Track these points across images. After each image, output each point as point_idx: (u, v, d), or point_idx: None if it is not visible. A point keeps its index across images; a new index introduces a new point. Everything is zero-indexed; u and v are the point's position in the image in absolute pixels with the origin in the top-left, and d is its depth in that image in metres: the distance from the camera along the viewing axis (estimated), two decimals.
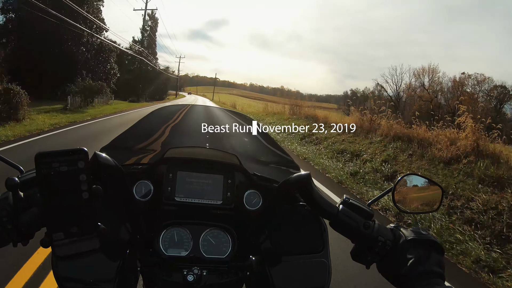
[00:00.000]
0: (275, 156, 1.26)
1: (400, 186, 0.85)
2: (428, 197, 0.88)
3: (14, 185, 0.61)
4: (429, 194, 0.88)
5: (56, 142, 8.13)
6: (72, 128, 10.73)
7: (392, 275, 0.72)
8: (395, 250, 0.72)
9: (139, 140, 1.19)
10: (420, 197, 0.87)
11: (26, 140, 7.88)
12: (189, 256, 0.88)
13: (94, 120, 13.69)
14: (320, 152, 9.44)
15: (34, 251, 2.69)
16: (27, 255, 2.65)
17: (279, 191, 0.84)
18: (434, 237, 0.73)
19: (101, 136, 9.13)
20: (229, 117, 1.49)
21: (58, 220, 0.58)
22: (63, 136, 9.08)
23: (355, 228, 0.75)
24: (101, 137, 8.96)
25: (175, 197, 0.93)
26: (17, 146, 7.19)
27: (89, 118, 13.97)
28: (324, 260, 0.88)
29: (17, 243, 0.64)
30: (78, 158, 0.59)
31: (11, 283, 2.36)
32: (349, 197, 0.78)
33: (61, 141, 8.22)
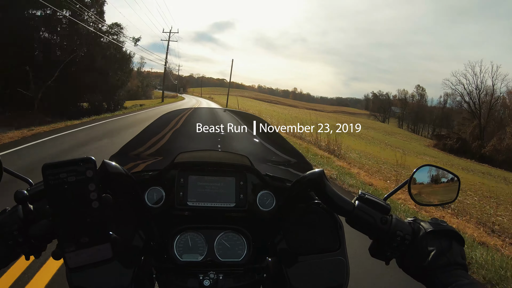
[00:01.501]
0: (287, 155, 1.24)
1: (417, 178, 0.83)
2: (445, 188, 0.86)
3: (23, 198, 0.60)
4: (446, 184, 0.86)
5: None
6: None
7: (413, 269, 0.70)
8: (415, 244, 0.70)
9: (148, 146, 1.18)
10: (437, 188, 0.85)
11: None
12: (204, 261, 0.87)
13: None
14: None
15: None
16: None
17: (293, 190, 0.82)
18: (454, 228, 0.71)
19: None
20: (235, 118, 1.47)
21: (69, 231, 0.58)
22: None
23: (372, 223, 0.73)
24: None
25: (187, 201, 0.91)
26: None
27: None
28: (341, 258, 0.86)
29: (29, 256, 0.64)
30: (86, 168, 0.58)
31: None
32: (365, 192, 0.76)
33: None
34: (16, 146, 7.43)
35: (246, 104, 44.63)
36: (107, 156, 0.91)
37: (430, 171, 0.85)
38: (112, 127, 12.41)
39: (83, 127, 11.56)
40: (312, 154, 9.69)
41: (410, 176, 0.83)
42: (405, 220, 0.75)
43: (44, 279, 2.54)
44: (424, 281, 0.69)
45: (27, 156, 6.66)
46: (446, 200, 0.86)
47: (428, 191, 0.85)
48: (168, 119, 1.27)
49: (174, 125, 1.30)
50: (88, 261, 0.59)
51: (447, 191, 0.85)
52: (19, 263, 2.61)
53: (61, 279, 2.50)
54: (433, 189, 0.85)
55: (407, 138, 46.13)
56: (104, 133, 10.60)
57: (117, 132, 11.01)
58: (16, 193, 0.60)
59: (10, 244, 0.61)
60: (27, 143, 7.82)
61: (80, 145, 8.29)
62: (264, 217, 0.94)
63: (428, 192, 0.85)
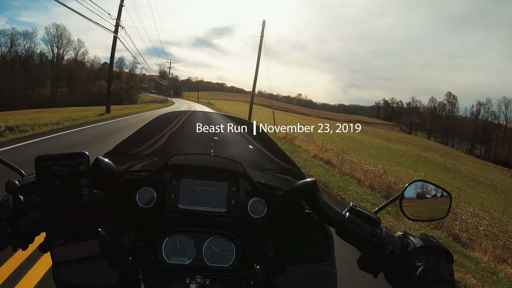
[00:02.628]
0: (280, 163, 1.24)
1: (408, 193, 0.83)
2: (436, 204, 0.86)
3: (14, 188, 0.60)
4: (437, 200, 0.86)
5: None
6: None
7: (401, 284, 0.70)
8: (404, 258, 0.70)
9: (143, 146, 1.18)
10: (428, 203, 0.85)
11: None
12: (192, 265, 0.86)
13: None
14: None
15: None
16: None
17: (284, 199, 0.82)
18: (443, 245, 0.70)
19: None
20: (231, 123, 1.48)
21: (58, 225, 0.58)
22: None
23: (362, 236, 0.72)
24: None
25: (178, 204, 0.91)
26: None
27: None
28: (329, 269, 0.86)
29: (16, 247, 0.63)
30: (79, 162, 0.58)
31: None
32: (356, 204, 0.77)
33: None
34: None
35: (258, 113, 38.05)
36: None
37: (422, 186, 0.85)
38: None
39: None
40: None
41: (402, 190, 0.83)
42: (395, 234, 0.75)
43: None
44: None
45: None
46: (437, 216, 0.86)
47: (419, 206, 0.85)
48: (166, 120, 1.28)
49: (171, 127, 1.31)
50: (75, 256, 0.59)
51: (438, 206, 0.85)
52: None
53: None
54: (424, 204, 0.85)
55: (472, 162, 37.18)
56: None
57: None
58: (7, 183, 0.60)
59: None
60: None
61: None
62: (254, 224, 0.94)
63: (419, 207, 0.85)
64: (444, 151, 44.30)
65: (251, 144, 1.33)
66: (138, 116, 20.97)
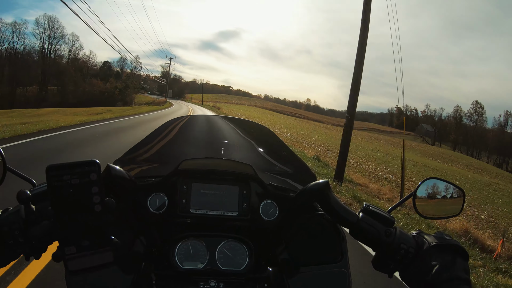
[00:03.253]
0: (291, 164, 1.23)
1: (421, 191, 0.83)
2: (450, 201, 0.85)
3: (26, 198, 0.60)
4: (450, 197, 0.85)
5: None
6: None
7: (416, 283, 0.69)
8: (419, 257, 0.69)
9: (152, 152, 1.17)
10: (441, 201, 0.85)
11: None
12: (205, 269, 0.86)
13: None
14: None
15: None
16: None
17: (297, 200, 0.81)
18: (458, 242, 0.70)
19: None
20: (240, 127, 1.46)
21: (70, 233, 0.57)
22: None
23: (376, 236, 0.72)
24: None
25: (190, 209, 0.91)
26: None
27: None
28: (343, 270, 0.85)
29: (29, 257, 0.63)
30: (90, 170, 0.58)
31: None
32: (369, 204, 0.76)
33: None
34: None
35: (272, 119, 34.19)
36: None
37: (434, 184, 0.84)
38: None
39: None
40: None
41: (415, 189, 0.82)
42: (410, 233, 0.74)
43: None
44: None
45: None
46: (450, 214, 0.85)
47: (432, 204, 0.84)
48: (173, 125, 1.26)
49: (179, 132, 1.30)
50: (89, 265, 0.59)
51: (451, 204, 0.85)
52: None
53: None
54: (438, 202, 0.85)
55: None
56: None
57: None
58: (19, 193, 0.59)
59: (10, 243, 0.60)
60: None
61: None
62: (266, 227, 0.93)
63: (432, 205, 0.84)
64: (501, 174, 39.19)
65: (261, 146, 1.32)
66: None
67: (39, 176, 0.63)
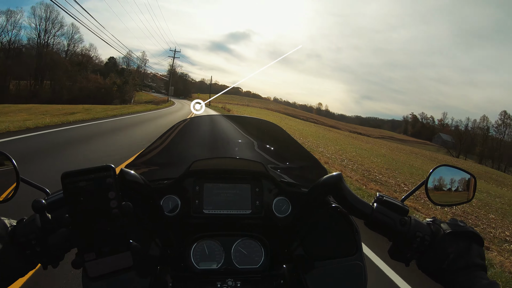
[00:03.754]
0: (301, 160, 1.23)
1: (433, 178, 0.82)
2: (462, 187, 0.85)
3: (41, 207, 0.60)
4: (462, 184, 0.85)
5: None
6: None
7: (432, 271, 0.70)
8: (435, 245, 0.69)
9: (163, 154, 1.17)
10: (453, 188, 0.85)
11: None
12: (221, 268, 0.86)
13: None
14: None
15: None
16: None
17: (311, 195, 0.81)
18: (473, 228, 0.70)
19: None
20: (247, 124, 1.45)
21: (89, 239, 0.57)
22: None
23: (391, 225, 0.72)
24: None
25: (203, 209, 0.91)
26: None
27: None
28: (359, 262, 0.85)
29: (47, 266, 0.63)
30: (105, 175, 0.57)
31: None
32: (383, 194, 0.76)
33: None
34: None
35: (294, 126, 29.30)
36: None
37: (446, 171, 0.84)
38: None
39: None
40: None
41: (427, 176, 0.82)
42: (424, 220, 0.74)
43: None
44: (444, 283, 0.68)
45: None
46: (463, 200, 0.85)
47: (444, 191, 0.84)
48: (182, 127, 1.24)
49: (187, 133, 1.29)
50: (108, 270, 0.58)
51: (463, 190, 0.85)
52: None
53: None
54: (450, 189, 0.85)
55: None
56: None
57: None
58: (34, 203, 0.59)
59: (27, 253, 0.60)
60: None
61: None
62: (280, 224, 0.94)
63: (444, 192, 0.84)
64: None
65: (269, 143, 1.31)
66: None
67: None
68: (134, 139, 9.86)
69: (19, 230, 0.60)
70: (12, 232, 0.60)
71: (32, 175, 5.13)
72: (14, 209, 1.48)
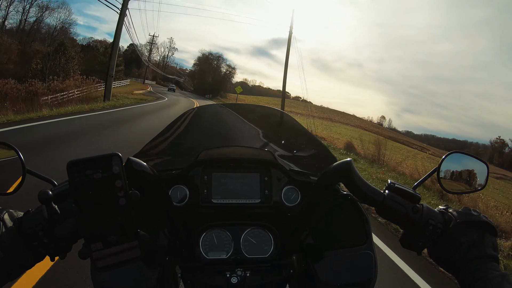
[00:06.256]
0: (310, 148, 1.21)
1: (445, 165, 0.81)
2: (474, 175, 0.84)
3: (48, 198, 0.59)
4: (475, 171, 0.84)
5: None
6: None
7: (444, 261, 0.69)
8: (447, 234, 0.68)
9: (170, 144, 1.16)
10: (465, 175, 0.83)
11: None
12: (230, 258, 0.86)
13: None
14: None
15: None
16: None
17: (321, 183, 0.79)
18: (486, 218, 0.68)
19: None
20: (254, 113, 1.44)
21: (96, 229, 0.56)
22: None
23: (403, 213, 0.71)
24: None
25: (212, 199, 0.90)
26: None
27: None
28: (369, 251, 0.84)
29: (54, 257, 0.63)
30: (112, 164, 0.56)
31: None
32: (394, 181, 0.74)
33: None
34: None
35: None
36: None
37: (458, 158, 0.83)
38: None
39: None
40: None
41: (438, 164, 0.81)
42: (436, 208, 0.73)
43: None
44: (455, 273, 0.68)
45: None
46: (475, 188, 0.84)
47: (456, 179, 0.83)
48: (188, 116, 1.24)
49: (194, 123, 1.28)
50: (116, 260, 0.58)
51: (476, 178, 0.83)
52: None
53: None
54: (462, 176, 0.83)
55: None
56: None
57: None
58: (40, 193, 0.58)
59: (35, 245, 0.60)
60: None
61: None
62: (289, 213, 0.93)
63: (457, 180, 0.83)
64: None
65: (277, 131, 1.30)
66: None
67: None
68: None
69: (26, 222, 0.60)
70: (18, 224, 0.60)
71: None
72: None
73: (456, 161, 0.82)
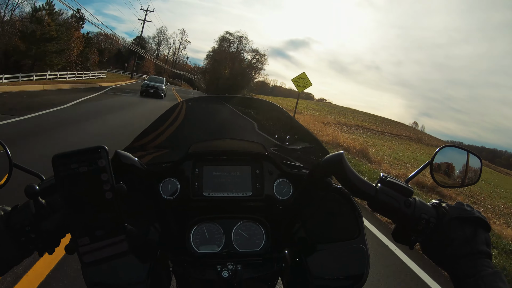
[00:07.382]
0: (302, 141, 1.20)
1: (438, 159, 0.80)
2: (467, 169, 0.83)
3: (34, 192, 0.58)
4: (468, 165, 0.83)
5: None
6: None
7: (437, 256, 0.68)
8: (439, 229, 0.68)
9: (161, 137, 1.15)
10: (459, 169, 0.83)
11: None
12: (222, 252, 0.85)
13: None
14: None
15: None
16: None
17: (312, 176, 0.79)
18: (480, 213, 0.68)
19: None
20: (246, 105, 1.42)
21: (82, 224, 0.55)
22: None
23: (395, 207, 0.70)
24: None
25: (203, 192, 0.89)
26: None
27: None
28: (361, 245, 0.84)
29: (43, 252, 0.62)
30: (98, 157, 0.56)
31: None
32: (387, 175, 0.74)
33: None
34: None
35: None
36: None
37: (451, 152, 0.82)
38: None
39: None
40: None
41: (431, 157, 0.80)
42: (429, 202, 0.72)
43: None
44: (447, 269, 0.67)
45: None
46: (468, 182, 0.83)
47: (449, 173, 0.82)
48: (179, 108, 1.23)
49: (185, 115, 1.26)
50: (104, 255, 0.57)
51: (469, 172, 0.83)
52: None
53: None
54: (455, 170, 0.82)
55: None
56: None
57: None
58: (27, 188, 0.58)
59: (22, 240, 0.59)
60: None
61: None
62: (281, 206, 0.92)
63: (449, 174, 0.82)
64: None
65: (269, 123, 1.29)
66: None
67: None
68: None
69: (13, 217, 0.59)
70: (6, 219, 0.59)
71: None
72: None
73: (450, 154, 0.81)
